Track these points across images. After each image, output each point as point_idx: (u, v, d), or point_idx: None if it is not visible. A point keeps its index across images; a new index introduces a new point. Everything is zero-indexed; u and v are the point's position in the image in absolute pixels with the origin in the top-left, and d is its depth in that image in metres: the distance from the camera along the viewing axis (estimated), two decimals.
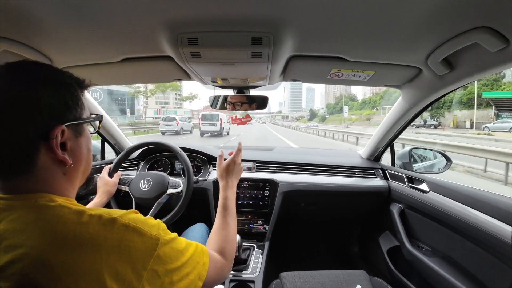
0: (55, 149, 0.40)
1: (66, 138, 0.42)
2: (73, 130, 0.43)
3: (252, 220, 1.34)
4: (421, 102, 1.02)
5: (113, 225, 0.39)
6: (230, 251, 0.62)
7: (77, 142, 0.45)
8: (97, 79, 1.03)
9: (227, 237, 0.65)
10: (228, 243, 0.64)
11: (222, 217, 0.70)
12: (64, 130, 0.41)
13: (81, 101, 0.45)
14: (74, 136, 0.44)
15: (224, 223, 0.69)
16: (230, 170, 0.82)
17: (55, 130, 0.39)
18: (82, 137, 0.46)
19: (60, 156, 0.40)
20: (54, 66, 0.45)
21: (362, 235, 1.72)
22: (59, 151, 0.40)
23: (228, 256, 0.61)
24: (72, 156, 0.43)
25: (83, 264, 0.35)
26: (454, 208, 0.93)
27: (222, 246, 0.61)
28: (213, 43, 0.68)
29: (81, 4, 0.55)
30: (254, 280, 1.05)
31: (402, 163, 1.37)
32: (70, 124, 0.42)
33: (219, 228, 0.67)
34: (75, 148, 0.44)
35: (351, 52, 0.76)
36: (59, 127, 0.40)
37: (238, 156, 0.86)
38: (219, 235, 0.65)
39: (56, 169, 0.42)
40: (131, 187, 1.16)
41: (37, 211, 0.37)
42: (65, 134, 0.41)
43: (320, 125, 38.26)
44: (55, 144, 0.39)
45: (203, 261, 0.49)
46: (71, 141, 0.43)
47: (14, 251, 0.33)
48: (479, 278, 0.84)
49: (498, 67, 0.66)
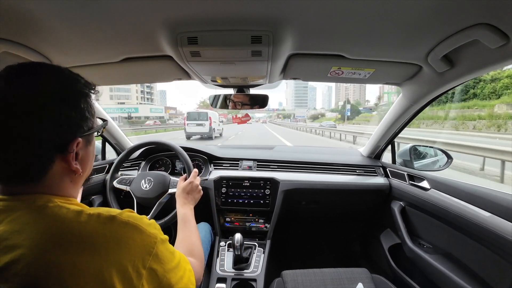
0: (71, 161, 0.40)
1: (79, 149, 0.42)
2: (85, 140, 0.44)
3: (253, 218, 1.34)
4: (421, 100, 1.02)
5: (112, 223, 0.39)
6: (198, 251, 0.69)
7: (87, 150, 0.45)
8: (97, 80, 1.02)
9: (192, 240, 0.72)
10: (195, 245, 0.71)
11: (183, 229, 0.77)
12: (79, 142, 0.41)
13: (93, 109, 0.46)
14: (85, 146, 0.45)
15: (187, 232, 0.75)
16: (188, 190, 0.93)
17: (73, 144, 0.40)
18: (91, 145, 0.47)
19: (73, 167, 0.41)
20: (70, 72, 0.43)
21: (363, 233, 1.72)
22: (74, 162, 0.41)
23: (197, 255, 0.67)
24: (81, 164, 0.44)
25: (82, 262, 0.35)
26: (455, 205, 0.93)
27: (190, 249, 0.68)
28: (213, 42, 0.68)
29: (81, 5, 0.55)
30: (256, 279, 1.06)
31: (403, 161, 1.37)
32: (84, 135, 0.43)
33: (183, 237, 0.74)
34: (85, 156, 0.45)
35: (351, 50, 0.76)
36: (76, 140, 0.40)
37: (195, 179, 0.97)
38: (185, 242, 0.72)
39: (65, 177, 0.42)
40: (132, 187, 1.16)
41: (35, 211, 0.37)
42: (79, 145, 0.42)
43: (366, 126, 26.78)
44: (71, 157, 0.40)
45: (188, 268, 0.52)
46: (83, 151, 0.44)
47: (13, 252, 0.34)
48: (480, 275, 0.84)
49: (499, 63, 0.66)
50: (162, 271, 0.42)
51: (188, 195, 0.92)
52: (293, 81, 7.11)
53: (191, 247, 0.69)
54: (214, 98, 1.11)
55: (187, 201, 0.90)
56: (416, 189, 1.17)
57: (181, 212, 0.84)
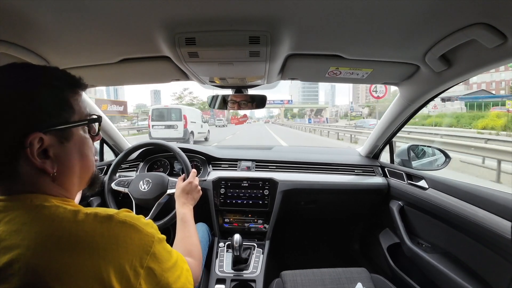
0: (30, 157, 0.38)
1: (47, 145, 0.39)
2: (57, 136, 0.41)
3: (252, 219, 1.34)
4: (419, 99, 1.03)
5: (110, 222, 0.39)
6: (197, 252, 0.69)
7: (63, 148, 0.42)
8: (95, 80, 1.02)
9: (191, 241, 0.73)
10: (194, 246, 0.71)
11: (183, 229, 0.77)
12: (42, 138, 0.38)
13: (69, 104, 0.42)
14: (59, 142, 0.41)
15: (186, 232, 0.76)
16: (188, 190, 0.94)
17: (28, 138, 0.38)
18: (70, 142, 0.43)
19: (38, 164, 0.39)
20: (43, 68, 0.43)
21: (362, 233, 1.72)
22: (37, 160, 0.38)
23: (196, 256, 0.67)
24: (58, 163, 0.41)
25: (80, 262, 0.35)
26: (453, 204, 0.93)
27: (189, 249, 0.68)
28: (211, 43, 0.67)
29: (78, 6, 0.54)
30: (255, 279, 1.06)
31: (401, 160, 1.37)
32: (52, 130, 0.40)
33: (182, 237, 0.74)
34: (61, 154, 0.42)
35: (349, 50, 0.76)
36: (34, 135, 0.38)
37: (194, 179, 0.98)
38: (184, 242, 0.72)
39: (42, 175, 0.40)
40: (130, 189, 1.16)
41: (32, 211, 0.37)
42: (45, 141, 0.39)
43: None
44: (30, 153, 0.38)
45: (186, 267, 0.51)
46: (55, 148, 0.41)
47: (11, 252, 0.33)
48: (479, 274, 0.85)
49: (496, 63, 0.66)
50: (160, 270, 0.41)
51: (188, 195, 0.93)
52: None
53: (190, 247, 0.69)
54: (212, 99, 1.11)
55: (187, 201, 0.90)
56: (414, 188, 1.17)
57: (180, 212, 0.84)
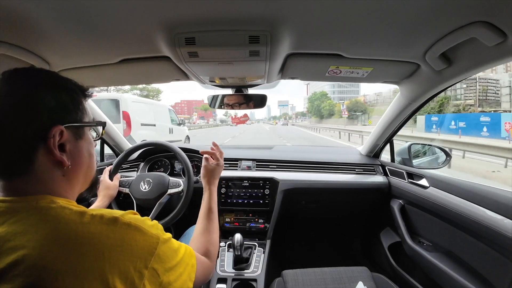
0: (52, 149, 0.40)
1: (65, 140, 0.42)
2: (73, 133, 0.44)
3: (253, 218, 1.34)
4: (419, 98, 1.02)
5: (115, 224, 0.39)
6: (214, 253, 0.66)
7: (76, 144, 0.45)
8: (95, 81, 1.02)
9: (212, 240, 0.68)
10: (213, 245, 0.67)
11: (207, 220, 0.72)
12: (63, 131, 0.41)
13: (82, 106, 0.46)
14: (74, 139, 0.44)
15: (210, 225, 0.71)
16: (216, 173, 0.85)
17: (52, 130, 0.40)
18: (82, 140, 0.46)
19: (57, 156, 0.41)
20: (59, 74, 0.46)
21: (363, 232, 1.72)
22: (57, 151, 0.41)
23: (212, 257, 0.64)
24: (71, 158, 0.43)
25: (85, 263, 0.35)
26: (454, 203, 0.93)
27: (207, 249, 0.64)
28: (211, 43, 0.67)
29: (78, 7, 0.55)
30: (256, 279, 1.06)
31: (402, 159, 1.37)
32: (70, 126, 0.43)
33: (204, 230, 0.70)
34: (74, 150, 0.44)
35: (349, 49, 0.76)
36: (57, 127, 0.40)
37: (222, 158, 0.89)
38: (204, 237, 0.68)
39: (55, 170, 0.42)
40: (131, 189, 1.16)
41: (38, 212, 0.37)
42: (64, 136, 0.41)
43: None
44: (52, 144, 0.40)
45: (191, 263, 0.51)
46: (71, 143, 0.43)
47: (16, 253, 0.34)
48: (480, 272, 0.85)
49: (496, 61, 0.66)
50: (162, 270, 0.42)
51: (216, 178, 0.84)
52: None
53: (209, 247, 0.65)
54: (212, 98, 1.11)
55: (213, 185, 0.82)
56: (415, 187, 1.17)
57: (208, 198, 0.77)
